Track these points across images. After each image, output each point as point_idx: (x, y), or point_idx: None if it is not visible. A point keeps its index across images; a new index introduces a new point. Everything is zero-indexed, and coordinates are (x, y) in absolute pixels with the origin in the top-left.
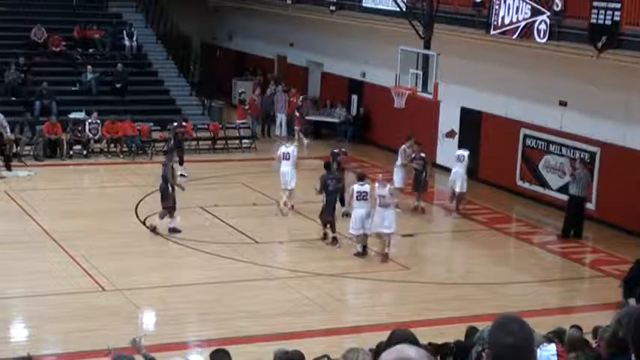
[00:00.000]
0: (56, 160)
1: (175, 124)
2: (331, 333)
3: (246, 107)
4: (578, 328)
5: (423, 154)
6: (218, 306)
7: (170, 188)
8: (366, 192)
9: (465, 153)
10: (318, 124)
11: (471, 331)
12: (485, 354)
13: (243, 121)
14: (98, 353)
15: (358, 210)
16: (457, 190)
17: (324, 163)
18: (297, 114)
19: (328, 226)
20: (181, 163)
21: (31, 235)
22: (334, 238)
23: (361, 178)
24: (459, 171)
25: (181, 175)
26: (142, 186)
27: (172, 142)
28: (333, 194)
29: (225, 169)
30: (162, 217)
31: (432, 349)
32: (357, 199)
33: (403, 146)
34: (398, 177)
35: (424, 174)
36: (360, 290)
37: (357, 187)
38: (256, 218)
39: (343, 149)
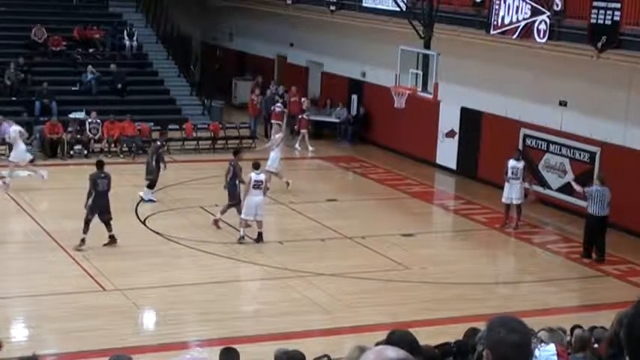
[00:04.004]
0: (56, 160)
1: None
2: (331, 333)
3: (285, 110)
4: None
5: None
6: (218, 306)
7: None
8: (261, 181)
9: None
10: (318, 124)
11: (470, 332)
12: (485, 354)
13: (279, 122)
14: (98, 353)
15: (254, 197)
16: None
17: (96, 161)
18: (304, 116)
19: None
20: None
21: (31, 235)
22: (83, 240)
23: (257, 166)
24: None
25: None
26: (141, 186)
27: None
28: (104, 195)
29: (225, 169)
30: None
31: (431, 349)
32: (254, 187)
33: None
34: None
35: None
36: (360, 290)
37: (254, 176)
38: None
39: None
